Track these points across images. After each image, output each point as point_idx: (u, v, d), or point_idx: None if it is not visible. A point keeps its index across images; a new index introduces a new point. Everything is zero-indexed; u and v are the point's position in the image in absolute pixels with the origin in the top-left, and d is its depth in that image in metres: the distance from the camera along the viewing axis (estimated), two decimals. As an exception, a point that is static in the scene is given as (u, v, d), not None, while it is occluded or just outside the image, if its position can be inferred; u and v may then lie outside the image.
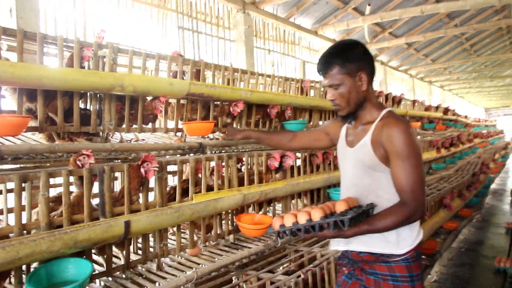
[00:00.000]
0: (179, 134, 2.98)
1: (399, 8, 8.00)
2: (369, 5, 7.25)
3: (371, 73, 1.86)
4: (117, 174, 2.77)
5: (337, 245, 1.95)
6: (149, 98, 2.70)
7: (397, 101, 6.20)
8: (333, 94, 1.86)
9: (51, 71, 1.95)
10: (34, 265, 1.85)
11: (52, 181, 1.90)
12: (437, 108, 8.59)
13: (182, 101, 2.95)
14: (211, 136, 3.07)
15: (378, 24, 9.33)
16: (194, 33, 5.49)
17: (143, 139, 2.75)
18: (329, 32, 8.10)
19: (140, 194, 2.11)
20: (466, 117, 12.25)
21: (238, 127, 3.38)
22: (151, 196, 2.19)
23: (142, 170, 2.02)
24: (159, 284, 2.01)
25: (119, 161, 2.35)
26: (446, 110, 8.93)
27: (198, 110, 3.01)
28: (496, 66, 17.35)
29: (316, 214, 1.59)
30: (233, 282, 2.51)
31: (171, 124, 2.94)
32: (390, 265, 1.81)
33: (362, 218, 1.69)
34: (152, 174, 2.04)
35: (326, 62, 1.83)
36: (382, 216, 1.71)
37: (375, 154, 1.79)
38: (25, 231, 1.68)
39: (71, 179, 1.90)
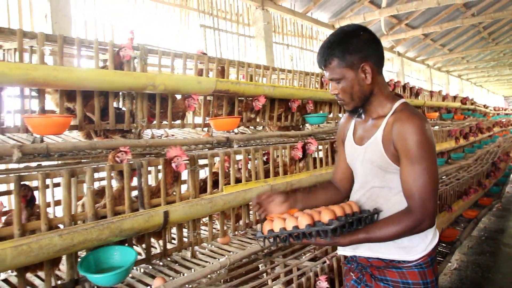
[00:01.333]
0: (205, 129, 3.10)
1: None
2: (385, -3, 7.26)
3: (377, 63, 1.61)
4: (150, 168, 2.89)
5: (344, 251, 1.79)
6: (177, 96, 2.83)
7: (414, 92, 6.22)
8: (336, 88, 1.63)
9: (90, 73, 2.08)
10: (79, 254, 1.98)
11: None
12: (454, 98, 8.54)
13: (208, 98, 3.06)
14: (235, 130, 3.17)
15: (394, 16, 9.29)
16: (215, 31, 5.60)
17: (172, 135, 2.87)
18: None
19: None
20: (485, 106, 12.12)
21: (262, 121, 3.48)
22: (183, 188, 2.31)
23: (173, 164, 2.13)
24: (195, 270, 2.12)
25: (153, 156, 2.48)
26: (464, 100, 8.87)
27: (224, 106, 3.12)
28: (515, 53, 17.09)
29: (303, 221, 1.46)
30: (260, 269, 2.63)
31: (196, 119, 3.06)
32: (402, 272, 1.64)
33: (361, 225, 1.53)
34: (183, 168, 2.15)
35: (325, 54, 1.60)
36: (383, 224, 1.54)
37: (386, 153, 1.59)
38: (73, 222, 1.81)
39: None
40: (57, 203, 2.05)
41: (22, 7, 3.60)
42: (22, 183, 1.65)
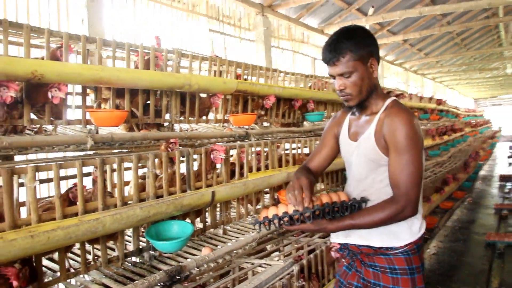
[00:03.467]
0: (225, 124, 3.42)
1: (398, 8, 8.48)
2: (372, 7, 7.68)
3: (378, 60, 1.69)
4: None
5: (337, 238, 1.85)
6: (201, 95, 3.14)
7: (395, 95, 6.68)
8: (344, 83, 1.65)
9: (144, 74, 2.39)
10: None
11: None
12: (430, 99, 9.05)
13: (227, 97, 3.38)
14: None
15: (378, 22, 9.76)
16: (221, 35, 5.93)
17: (196, 129, 3.18)
18: (334, 30, 8.47)
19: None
20: (456, 107, 12.75)
21: (269, 118, 3.82)
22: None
23: (212, 156, 2.46)
24: (229, 243, 2.45)
25: (187, 147, 2.79)
26: (439, 102, 9.39)
27: (239, 104, 3.45)
28: (484, 59, 17.87)
29: (291, 208, 1.54)
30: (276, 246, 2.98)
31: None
32: (389, 258, 1.71)
33: (347, 212, 1.61)
34: (219, 160, 2.45)
35: (337, 49, 1.61)
36: (368, 211, 1.61)
37: (378, 147, 1.65)
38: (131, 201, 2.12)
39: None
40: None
41: (60, 12, 3.87)
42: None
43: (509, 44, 12.17)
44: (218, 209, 2.77)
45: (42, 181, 2.29)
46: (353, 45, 1.60)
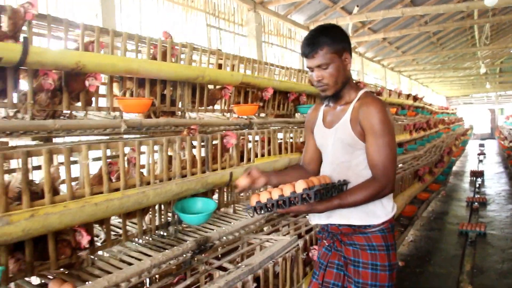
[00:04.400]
0: (227, 114, 3.70)
1: (379, 7, 8.89)
2: (357, 6, 8.06)
3: (351, 55, 1.87)
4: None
5: (319, 219, 1.95)
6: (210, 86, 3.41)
7: (376, 92, 7.06)
8: (322, 74, 1.80)
9: (166, 66, 2.65)
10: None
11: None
12: (408, 96, 9.50)
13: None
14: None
15: (360, 21, 10.16)
16: (217, 30, 6.20)
17: (202, 117, 3.45)
18: (318, 27, 8.85)
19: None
20: (431, 105, 13.31)
21: (266, 109, 4.11)
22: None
23: (224, 140, 2.74)
24: (240, 221, 2.75)
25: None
26: (415, 98, 9.85)
27: (241, 95, 3.73)
28: (458, 58, 18.59)
29: (287, 190, 1.63)
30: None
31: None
32: (368, 236, 1.84)
33: (334, 193, 1.72)
34: (231, 144, 2.74)
35: (315, 43, 1.78)
36: (353, 191, 1.75)
37: (354, 132, 1.80)
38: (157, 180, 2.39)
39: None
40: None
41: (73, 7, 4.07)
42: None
43: (482, 44, 12.79)
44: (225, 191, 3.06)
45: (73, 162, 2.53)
46: (329, 39, 1.78)
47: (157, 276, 2.51)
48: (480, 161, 16.04)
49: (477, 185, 10.84)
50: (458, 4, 7.22)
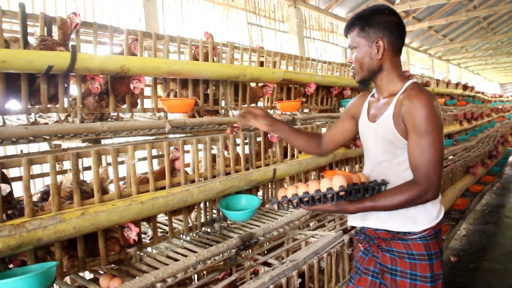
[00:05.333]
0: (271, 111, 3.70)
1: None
2: (401, -5, 7.85)
3: (393, 43, 1.68)
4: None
5: (353, 221, 1.85)
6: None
7: (424, 83, 6.83)
8: (351, 57, 1.74)
9: (209, 66, 2.69)
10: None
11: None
12: (457, 85, 9.12)
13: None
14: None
15: (403, 10, 9.86)
16: (258, 27, 6.23)
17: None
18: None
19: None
20: (483, 93, 12.72)
21: (309, 105, 4.08)
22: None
23: (269, 135, 2.74)
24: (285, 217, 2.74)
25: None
26: (465, 87, 9.44)
27: (284, 92, 3.72)
28: (512, 43, 17.64)
29: (312, 187, 1.56)
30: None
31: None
32: (407, 243, 1.69)
33: (368, 194, 1.60)
34: (276, 139, 2.75)
35: (350, 23, 1.72)
36: (389, 193, 1.60)
37: (396, 129, 1.64)
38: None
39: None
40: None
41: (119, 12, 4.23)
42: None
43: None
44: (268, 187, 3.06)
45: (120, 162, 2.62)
46: (362, 23, 1.67)
47: (204, 272, 2.56)
48: (540, 151, 15.12)
49: (536, 177, 10.26)
50: (509, -13, 6.83)
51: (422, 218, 1.67)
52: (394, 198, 1.57)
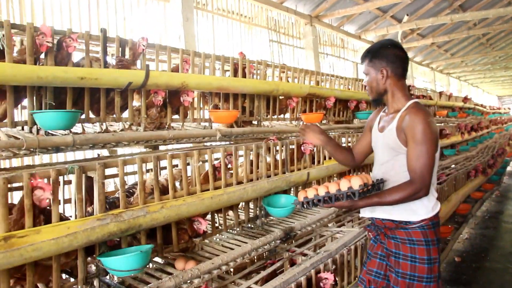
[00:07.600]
0: (294, 122, 4.01)
1: (428, 13, 8.93)
2: (407, 15, 8.16)
3: (395, 70, 2.00)
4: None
5: (364, 213, 2.15)
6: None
7: (428, 97, 7.16)
8: (365, 81, 2.11)
9: (250, 82, 3.01)
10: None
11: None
12: (456, 98, 9.40)
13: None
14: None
15: (409, 28, 10.22)
16: (278, 44, 6.60)
17: (274, 125, 3.78)
18: (370, 36, 9.07)
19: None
20: (482, 105, 13.00)
21: (328, 116, 4.39)
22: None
23: (302, 147, 3.05)
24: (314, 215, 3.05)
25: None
26: (465, 99, 9.72)
27: (307, 104, 4.04)
28: (509, 58, 17.93)
29: (332, 188, 1.85)
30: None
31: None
32: (408, 231, 1.99)
33: (373, 191, 1.92)
34: (308, 151, 3.05)
35: (363, 55, 2.09)
36: (391, 191, 1.91)
37: (398, 139, 1.95)
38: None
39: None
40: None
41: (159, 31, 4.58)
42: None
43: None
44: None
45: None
46: (371, 54, 2.05)
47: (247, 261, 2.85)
48: (536, 161, 15.35)
49: (533, 185, 10.52)
50: (507, 8, 7.17)
51: (420, 210, 1.97)
52: (395, 195, 1.89)
